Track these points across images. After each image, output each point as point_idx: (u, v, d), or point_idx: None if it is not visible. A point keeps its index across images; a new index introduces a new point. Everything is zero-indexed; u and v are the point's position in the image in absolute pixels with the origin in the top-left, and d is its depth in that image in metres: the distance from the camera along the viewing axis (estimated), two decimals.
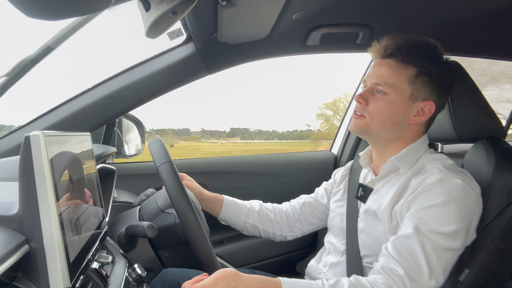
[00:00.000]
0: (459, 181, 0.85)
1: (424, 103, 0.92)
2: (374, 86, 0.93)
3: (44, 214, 0.54)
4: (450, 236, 0.80)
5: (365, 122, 0.94)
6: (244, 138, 12.19)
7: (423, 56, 0.91)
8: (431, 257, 0.79)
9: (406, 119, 0.93)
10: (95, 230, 0.78)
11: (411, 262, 0.79)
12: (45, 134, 0.56)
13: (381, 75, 0.92)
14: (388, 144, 0.98)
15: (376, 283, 0.78)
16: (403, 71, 0.91)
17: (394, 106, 0.91)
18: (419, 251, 0.79)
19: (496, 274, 0.91)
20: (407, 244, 0.80)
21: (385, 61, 0.93)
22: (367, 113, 0.94)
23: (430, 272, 0.78)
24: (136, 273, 0.82)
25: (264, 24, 1.08)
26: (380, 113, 0.92)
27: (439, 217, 0.81)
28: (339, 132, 2.05)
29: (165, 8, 0.69)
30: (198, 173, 1.67)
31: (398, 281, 0.78)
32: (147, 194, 1.21)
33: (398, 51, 0.91)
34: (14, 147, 1.12)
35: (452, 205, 0.82)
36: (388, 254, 0.82)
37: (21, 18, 0.51)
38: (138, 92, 1.25)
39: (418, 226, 0.81)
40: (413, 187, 0.88)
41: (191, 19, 1.07)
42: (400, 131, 0.95)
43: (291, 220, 1.23)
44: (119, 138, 1.63)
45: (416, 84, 0.91)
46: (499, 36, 1.37)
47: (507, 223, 0.90)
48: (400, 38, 0.94)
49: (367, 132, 0.95)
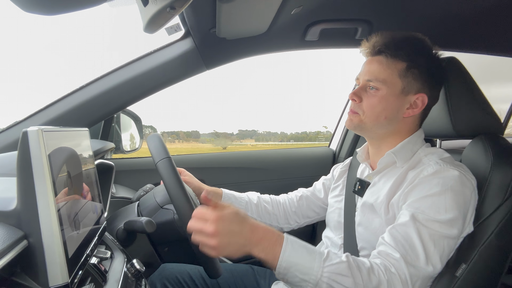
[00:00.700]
0: (456, 172, 0.86)
1: (417, 96, 0.94)
2: (366, 83, 0.96)
3: (43, 210, 0.54)
4: (447, 223, 0.81)
5: (359, 118, 0.96)
6: (259, 140, 12.12)
7: (411, 50, 0.93)
8: (427, 244, 0.79)
9: (399, 112, 0.95)
10: (94, 226, 0.78)
11: (408, 248, 0.79)
12: (43, 129, 0.55)
13: (372, 72, 0.94)
14: (384, 139, 0.99)
15: (374, 262, 0.78)
16: (393, 65, 0.93)
17: (387, 100, 0.93)
18: (415, 238, 0.79)
19: (493, 270, 0.92)
20: (404, 232, 0.81)
21: (375, 58, 0.96)
22: (361, 110, 0.96)
23: (426, 258, 0.79)
24: (135, 268, 0.83)
25: (263, 19, 1.08)
26: (373, 108, 0.94)
27: (435, 206, 0.82)
28: (337, 128, 2.05)
29: (163, 2, 0.69)
30: (196, 168, 1.67)
31: (395, 263, 0.78)
32: (146, 189, 1.21)
33: (386, 47, 0.94)
34: (12, 143, 1.12)
35: (448, 194, 0.83)
36: (385, 242, 0.82)
37: (18, 13, 0.51)
38: (136, 88, 1.24)
39: (415, 215, 0.82)
40: (410, 179, 0.89)
41: (190, 14, 1.07)
42: (395, 125, 0.96)
43: (288, 212, 1.24)
44: (117, 134, 1.63)
45: (407, 77, 0.93)
46: (498, 32, 1.37)
47: (504, 218, 0.90)
48: (387, 34, 0.96)
49: (362, 127, 0.97)
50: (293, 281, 0.74)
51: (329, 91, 35.54)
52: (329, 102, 43.43)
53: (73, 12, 0.60)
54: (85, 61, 30.87)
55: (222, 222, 0.71)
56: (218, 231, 0.70)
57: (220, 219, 0.71)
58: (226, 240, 0.71)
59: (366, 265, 0.76)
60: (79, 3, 0.58)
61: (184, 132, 11.89)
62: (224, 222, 0.71)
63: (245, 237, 0.72)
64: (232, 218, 0.73)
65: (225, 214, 0.72)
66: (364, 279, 0.73)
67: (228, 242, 0.71)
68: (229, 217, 0.72)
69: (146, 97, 1.28)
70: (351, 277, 0.73)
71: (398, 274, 0.76)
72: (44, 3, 0.54)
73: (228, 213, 0.73)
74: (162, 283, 1.11)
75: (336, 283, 0.72)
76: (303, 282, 0.73)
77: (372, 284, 0.74)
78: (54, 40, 31.71)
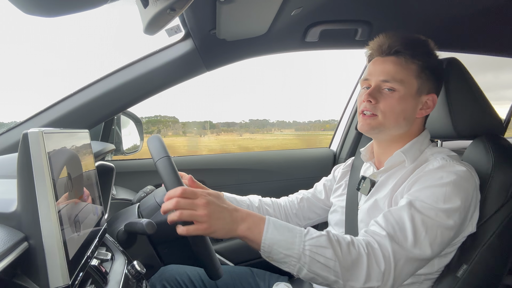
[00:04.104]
0: (461, 167, 0.86)
1: (428, 96, 0.96)
2: (381, 84, 0.94)
3: (43, 211, 0.54)
4: (443, 212, 0.80)
5: (378, 121, 0.94)
6: (271, 130, 11.99)
7: (426, 51, 0.95)
8: (419, 229, 0.79)
9: (414, 113, 0.96)
10: (94, 227, 0.78)
11: (397, 229, 0.79)
12: (43, 131, 0.55)
13: (388, 72, 0.93)
14: (395, 139, 0.99)
15: (356, 238, 0.79)
16: (410, 66, 0.93)
17: (405, 101, 0.93)
18: (407, 221, 0.79)
19: (494, 270, 0.92)
20: (397, 215, 0.81)
21: (388, 58, 0.95)
22: (379, 111, 0.94)
23: (415, 241, 0.78)
24: (135, 270, 0.83)
25: (263, 20, 1.08)
26: (393, 109, 0.93)
27: (434, 196, 0.82)
28: (338, 129, 2.05)
29: (164, 4, 0.69)
30: (196, 170, 1.67)
31: (380, 239, 0.78)
32: (146, 191, 1.21)
33: (404, 47, 0.94)
34: (13, 144, 1.12)
35: (449, 186, 0.83)
36: (376, 222, 0.82)
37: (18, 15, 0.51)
38: (136, 89, 1.24)
39: (413, 201, 0.82)
40: (415, 173, 0.91)
41: (190, 16, 1.07)
42: (410, 125, 0.97)
43: (289, 215, 1.24)
44: (118, 135, 1.63)
45: (421, 78, 0.94)
46: (498, 33, 1.37)
47: (505, 219, 0.90)
48: (399, 35, 0.96)
49: (380, 130, 0.96)
50: (278, 258, 0.76)
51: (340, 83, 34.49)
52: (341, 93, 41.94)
53: (73, 14, 0.60)
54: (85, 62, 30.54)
55: (213, 205, 0.75)
56: (210, 214, 0.74)
57: (211, 203, 0.75)
58: (216, 222, 0.74)
59: (346, 239, 0.78)
60: (79, 5, 0.58)
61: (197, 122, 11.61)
62: (214, 204, 0.75)
63: (231, 215, 0.76)
64: (218, 200, 0.77)
65: (212, 196, 0.77)
66: (344, 251, 0.75)
67: (217, 223, 0.75)
68: (216, 199, 0.77)
69: (146, 98, 1.28)
70: (331, 248, 0.74)
71: (380, 250, 0.76)
72: (44, 5, 0.54)
73: (213, 195, 0.78)
74: (162, 285, 1.11)
75: (317, 255, 0.74)
76: (287, 258, 0.75)
77: (351, 256, 0.75)
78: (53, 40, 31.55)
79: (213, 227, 0.74)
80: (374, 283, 0.74)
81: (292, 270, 0.76)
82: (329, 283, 0.75)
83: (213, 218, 0.74)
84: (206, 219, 0.73)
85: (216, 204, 0.76)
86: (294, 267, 0.75)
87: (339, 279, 0.74)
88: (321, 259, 0.74)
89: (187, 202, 0.74)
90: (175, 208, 0.74)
